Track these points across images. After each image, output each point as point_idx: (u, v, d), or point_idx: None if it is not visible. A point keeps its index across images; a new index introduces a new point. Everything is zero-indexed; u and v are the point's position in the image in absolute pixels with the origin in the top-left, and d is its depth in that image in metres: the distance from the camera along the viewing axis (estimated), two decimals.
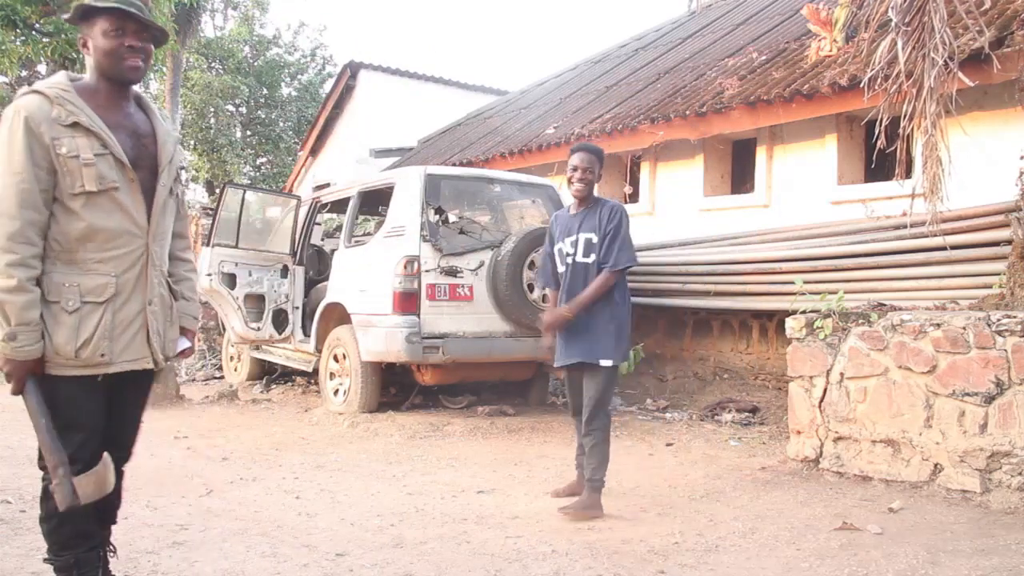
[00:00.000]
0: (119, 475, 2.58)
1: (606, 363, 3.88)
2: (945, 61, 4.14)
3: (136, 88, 2.48)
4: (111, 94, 2.37)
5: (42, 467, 2.34)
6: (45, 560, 2.44)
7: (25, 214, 2.19)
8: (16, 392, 2.26)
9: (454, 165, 10.00)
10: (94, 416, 2.36)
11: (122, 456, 2.57)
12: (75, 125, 2.26)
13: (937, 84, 4.18)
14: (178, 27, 15.42)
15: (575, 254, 3.95)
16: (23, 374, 2.23)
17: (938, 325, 4.06)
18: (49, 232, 2.26)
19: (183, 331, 2.63)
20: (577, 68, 13.22)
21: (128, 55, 2.33)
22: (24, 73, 16.65)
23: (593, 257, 3.91)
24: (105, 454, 2.32)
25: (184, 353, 2.67)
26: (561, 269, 4.04)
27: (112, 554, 2.66)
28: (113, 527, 2.69)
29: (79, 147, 2.25)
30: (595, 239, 3.90)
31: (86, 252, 2.29)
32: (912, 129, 4.40)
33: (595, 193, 4.10)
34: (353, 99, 14.89)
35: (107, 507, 2.59)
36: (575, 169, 3.95)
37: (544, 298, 5.77)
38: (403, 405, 6.70)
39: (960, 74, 4.21)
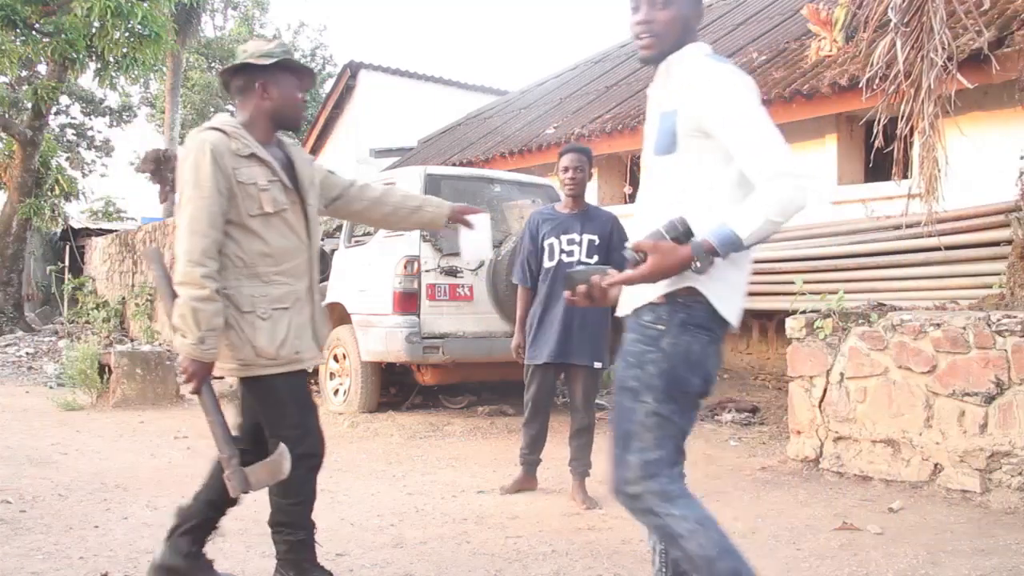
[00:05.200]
0: None
1: (599, 366, 4.07)
2: (944, 62, 4.14)
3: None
4: (266, 133, 2.70)
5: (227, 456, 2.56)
6: (299, 540, 2.68)
7: (213, 233, 2.51)
8: (195, 391, 2.54)
9: (454, 165, 10.00)
10: (310, 395, 2.75)
11: None
12: (251, 156, 2.60)
13: (936, 85, 4.18)
14: (178, 27, 15.43)
15: (576, 253, 4.02)
16: (205, 375, 2.52)
17: (938, 325, 4.06)
18: (229, 250, 2.57)
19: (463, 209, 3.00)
20: (577, 68, 13.22)
21: (301, 108, 2.77)
22: (24, 73, 16.63)
23: (596, 259, 3.98)
24: (282, 444, 2.54)
25: None
26: (548, 264, 4.09)
27: (217, 536, 2.92)
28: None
29: (255, 175, 2.59)
30: (598, 242, 4.02)
31: (266, 267, 2.62)
32: (910, 129, 4.40)
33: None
34: (353, 99, 14.88)
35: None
36: (566, 170, 4.07)
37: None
38: (403, 405, 6.70)
39: (959, 76, 4.21)
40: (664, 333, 1.92)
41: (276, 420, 2.64)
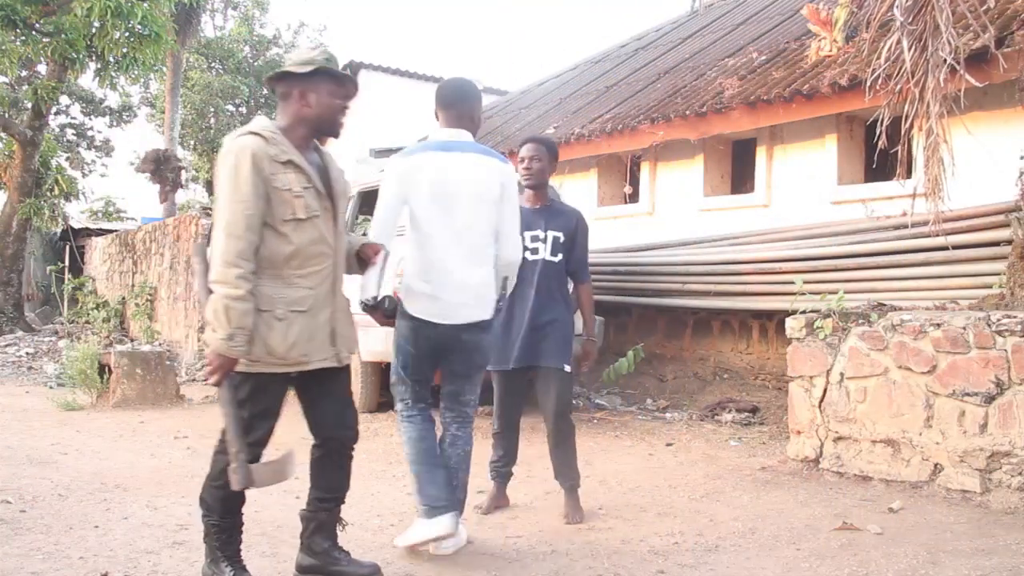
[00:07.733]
0: (349, 456, 2.96)
1: (568, 369, 3.85)
2: (951, 61, 4.13)
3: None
4: (304, 139, 2.76)
5: (220, 449, 2.69)
6: (211, 523, 2.75)
7: (248, 235, 2.59)
8: (216, 384, 2.61)
9: None
10: (281, 406, 2.80)
11: (349, 435, 2.95)
12: (288, 163, 2.66)
13: (942, 84, 4.16)
14: (178, 27, 15.43)
15: (541, 250, 3.84)
16: (228, 369, 2.58)
17: (938, 325, 4.06)
18: (259, 252, 2.63)
19: (370, 248, 3.01)
20: (577, 68, 13.21)
21: (341, 115, 2.80)
22: (24, 73, 16.64)
23: (561, 256, 3.86)
24: (291, 449, 2.71)
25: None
26: None
27: (342, 529, 3.02)
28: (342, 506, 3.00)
29: (291, 181, 2.65)
30: (563, 239, 3.86)
31: (290, 269, 2.69)
32: (914, 129, 4.39)
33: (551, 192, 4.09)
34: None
35: (336, 487, 2.95)
36: (523, 160, 3.88)
37: None
38: None
39: (967, 75, 4.19)
40: (400, 316, 3.23)
41: (235, 413, 2.65)
